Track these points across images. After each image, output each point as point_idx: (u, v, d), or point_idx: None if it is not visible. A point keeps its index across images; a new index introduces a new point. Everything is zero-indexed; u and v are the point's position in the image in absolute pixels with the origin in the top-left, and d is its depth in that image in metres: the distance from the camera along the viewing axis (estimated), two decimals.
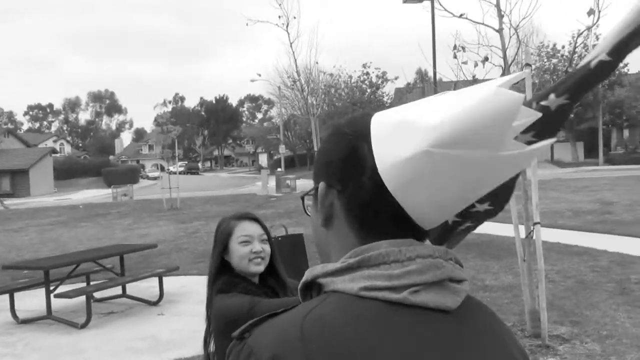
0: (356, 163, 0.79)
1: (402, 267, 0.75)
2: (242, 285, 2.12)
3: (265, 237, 2.20)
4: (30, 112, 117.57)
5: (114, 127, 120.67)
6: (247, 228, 2.18)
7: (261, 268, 2.17)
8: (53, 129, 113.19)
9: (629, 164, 36.56)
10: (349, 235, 0.81)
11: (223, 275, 2.14)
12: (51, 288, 7.06)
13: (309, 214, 0.89)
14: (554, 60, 38.60)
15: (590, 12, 5.84)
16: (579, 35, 6.49)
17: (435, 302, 0.75)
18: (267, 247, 2.19)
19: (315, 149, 33.71)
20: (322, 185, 0.83)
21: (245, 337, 0.76)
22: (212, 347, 2.11)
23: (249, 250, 2.14)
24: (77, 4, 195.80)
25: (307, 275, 0.81)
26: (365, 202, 0.79)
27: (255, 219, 2.24)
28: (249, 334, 0.76)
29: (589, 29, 6.25)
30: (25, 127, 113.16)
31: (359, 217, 0.80)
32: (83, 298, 6.99)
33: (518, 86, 6.87)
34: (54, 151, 54.88)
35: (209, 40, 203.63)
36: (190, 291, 8.36)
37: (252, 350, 0.73)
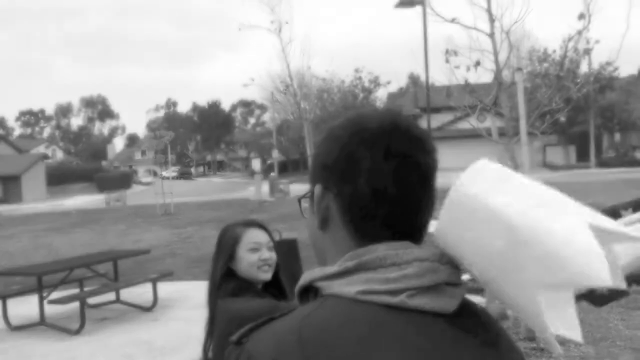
0: (352, 166, 0.79)
1: (399, 271, 0.74)
2: (255, 291, 2.09)
3: (271, 244, 2.18)
4: (22, 118, 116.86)
5: (106, 132, 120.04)
6: (256, 235, 2.16)
7: (269, 275, 2.14)
8: (45, 134, 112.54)
9: (621, 167, 36.77)
10: (345, 238, 0.81)
11: (229, 281, 2.10)
12: (44, 294, 7.00)
13: (306, 216, 0.89)
14: (545, 65, 38.80)
15: (581, 17, 5.91)
16: (570, 39, 6.52)
17: (433, 305, 0.74)
18: (274, 255, 2.17)
19: (309, 153, 33.71)
20: (318, 187, 0.83)
21: (243, 342, 0.76)
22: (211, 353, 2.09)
23: (258, 257, 2.12)
24: (69, 7, 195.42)
25: (305, 278, 0.81)
26: (361, 205, 0.79)
27: (263, 226, 2.22)
28: (247, 339, 0.75)
29: (579, 33, 6.30)
30: (16, 133, 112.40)
31: (355, 220, 0.80)
32: (77, 304, 6.95)
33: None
34: (46, 157, 54.61)
35: (201, 45, 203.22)
36: (185, 296, 8.32)
37: (250, 355, 0.73)
